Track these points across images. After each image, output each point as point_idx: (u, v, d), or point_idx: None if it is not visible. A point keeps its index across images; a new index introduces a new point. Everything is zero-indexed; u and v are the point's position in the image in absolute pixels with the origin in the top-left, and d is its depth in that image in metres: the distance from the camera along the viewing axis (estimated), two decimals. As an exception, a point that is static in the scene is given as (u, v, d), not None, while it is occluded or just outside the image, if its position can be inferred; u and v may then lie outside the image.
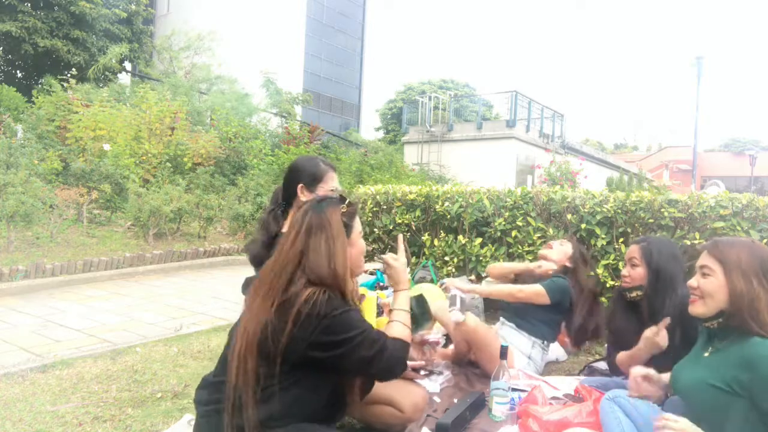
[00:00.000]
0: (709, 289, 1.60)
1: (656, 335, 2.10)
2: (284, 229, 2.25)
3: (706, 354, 1.63)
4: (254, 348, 1.53)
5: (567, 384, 2.75)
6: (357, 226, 1.72)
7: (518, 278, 3.13)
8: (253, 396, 1.52)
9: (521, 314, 2.94)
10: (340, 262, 1.61)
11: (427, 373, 2.24)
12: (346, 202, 1.71)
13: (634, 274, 2.41)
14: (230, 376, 1.54)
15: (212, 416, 1.62)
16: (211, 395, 1.66)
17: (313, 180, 2.38)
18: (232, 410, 1.54)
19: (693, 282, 1.65)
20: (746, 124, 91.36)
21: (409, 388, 2.07)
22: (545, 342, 2.94)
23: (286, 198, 2.45)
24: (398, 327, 1.74)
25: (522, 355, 2.86)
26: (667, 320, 2.08)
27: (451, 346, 3.05)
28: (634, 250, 2.44)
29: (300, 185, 2.36)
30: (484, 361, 2.80)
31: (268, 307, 1.54)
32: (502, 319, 3.07)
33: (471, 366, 2.95)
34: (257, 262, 2.25)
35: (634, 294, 2.42)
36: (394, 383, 2.07)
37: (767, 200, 3.26)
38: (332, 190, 2.40)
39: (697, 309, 1.64)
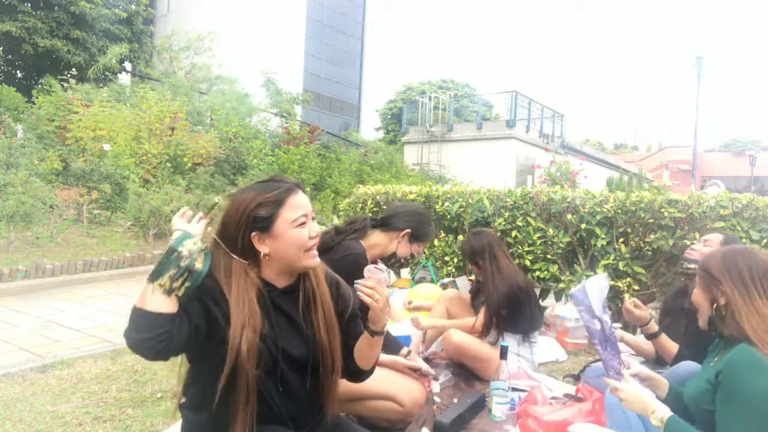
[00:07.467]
0: (696, 300, 1.65)
1: (638, 307, 2.32)
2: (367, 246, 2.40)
3: (712, 363, 1.63)
4: None
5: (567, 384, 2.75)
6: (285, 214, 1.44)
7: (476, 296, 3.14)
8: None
9: None
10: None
11: (430, 377, 2.28)
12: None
13: None
14: None
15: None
16: None
17: (419, 239, 2.55)
18: None
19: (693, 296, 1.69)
20: (746, 124, 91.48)
21: (408, 384, 2.12)
22: (528, 335, 2.94)
23: (382, 221, 2.55)
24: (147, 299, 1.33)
25: (510, 354, 2.86)
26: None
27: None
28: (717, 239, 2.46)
29: (408, 232, 2.50)
30: (478, 371, 2.83)
31: None
32: None
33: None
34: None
35: None
36: (394, 379, 2.10)
37: (767, 200, 3.26)
38: (416, 254, 2.61)
39: (699, 322, 1.67)
